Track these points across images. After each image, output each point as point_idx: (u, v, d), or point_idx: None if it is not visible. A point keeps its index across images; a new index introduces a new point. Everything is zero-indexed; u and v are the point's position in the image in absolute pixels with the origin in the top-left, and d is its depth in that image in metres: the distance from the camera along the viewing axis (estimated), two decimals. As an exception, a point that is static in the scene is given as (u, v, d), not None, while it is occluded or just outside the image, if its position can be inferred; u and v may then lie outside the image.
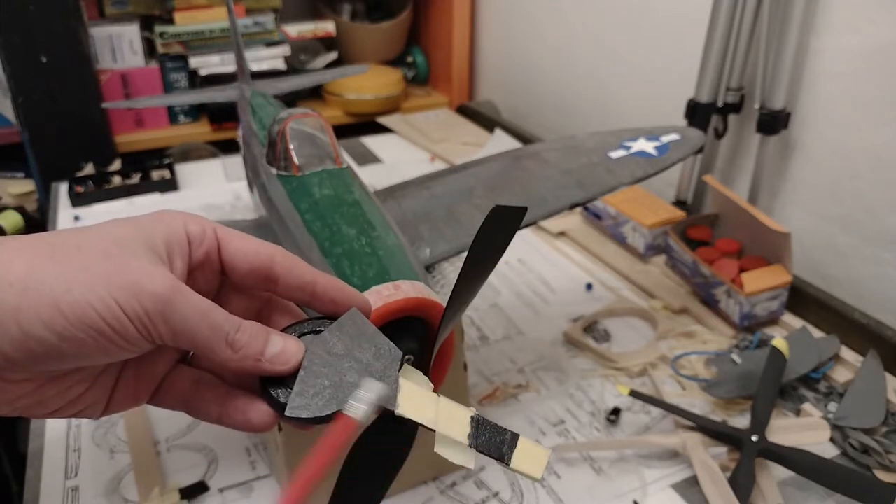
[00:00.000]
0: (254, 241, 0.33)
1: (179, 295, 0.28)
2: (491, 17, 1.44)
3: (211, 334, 0.29)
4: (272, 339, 0.31)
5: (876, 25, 0.73)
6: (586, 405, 0.64)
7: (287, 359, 0.31)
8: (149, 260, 0.29)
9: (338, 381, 0.31)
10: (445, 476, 0.56)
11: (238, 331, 0.30)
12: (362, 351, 0.32)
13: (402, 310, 0.38)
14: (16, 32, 1.12)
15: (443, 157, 1.20)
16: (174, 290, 0.28)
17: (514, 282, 0.84)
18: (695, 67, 0.88)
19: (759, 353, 0.66)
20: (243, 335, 0.30)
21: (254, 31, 1.35)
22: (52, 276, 0.27)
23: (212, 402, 0.32)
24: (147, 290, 0.27)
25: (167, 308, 0.28)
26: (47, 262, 0.27)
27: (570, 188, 0.58)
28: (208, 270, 0.32)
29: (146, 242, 0.30)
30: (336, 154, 0.53)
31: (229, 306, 0.34)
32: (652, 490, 0.55)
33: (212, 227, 0.32)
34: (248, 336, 0.30)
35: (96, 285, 0.27)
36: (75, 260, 0.28)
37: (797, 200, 0.86)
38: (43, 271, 0.27)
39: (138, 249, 0.29)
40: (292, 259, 0.33)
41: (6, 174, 1.39)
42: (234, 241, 0.32)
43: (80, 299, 0.27)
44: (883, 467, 0.56)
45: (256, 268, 0.32)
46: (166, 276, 0.28)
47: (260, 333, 0.31)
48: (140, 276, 0.28)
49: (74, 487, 0.55)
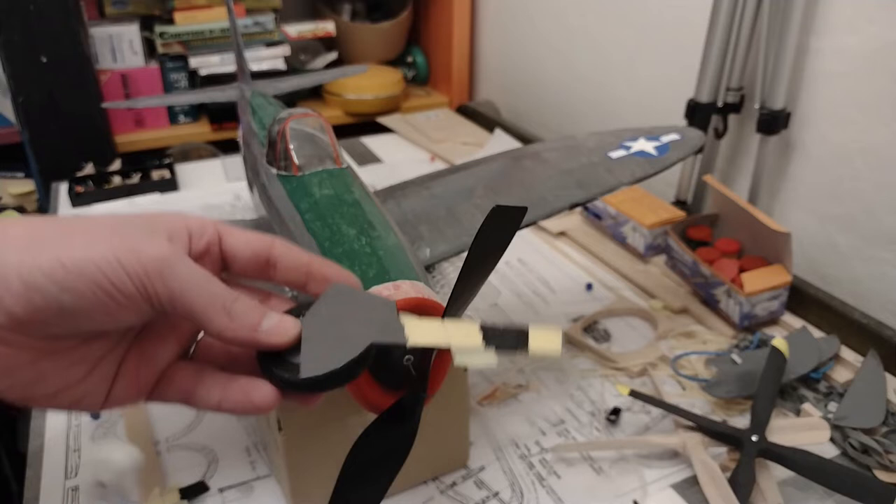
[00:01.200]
0: (253, 234, 0.34)
1: (179, 260, 0.29)
2: (491, 17, 1.44)
3: (208, 300, 0.30)
4: (269, 313, 0.32)
5: (876, 25, 0.73)
6: (586, 405, 0.64)
7: (283, 330, 0.31)
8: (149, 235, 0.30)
9: (342, 337, 0.31)
10: (445, 476, 0.56)
11: (235, 301, 0.31)
12: (357, 310, 0.33)
13: (402, 310, 0.38)
14: (16, 32, 1.12)
15: (443, 157, 1.20)
16: (175, 254, 0.29)
17: (514, 282, 0.84)
18: (695, 67, 0.88)
19: (759, 353, 0.66)
20: (241, 306, 0.31)
21: (254, 31, 1.35)
22: (54, 235, 0.28)
23: (213, 387, 0.33)
24: (148, 252, 0.29)
25: (166, 270, 0.29)
26: (49, 226, 0.29)
27: (570, 188, 0.59)
28: (209, 261, 0.33)
29: (148, 227, 0.31)
30: (336, 154, 0.53)
31: None
32: (652, 490, 0.55)
33: (212, 223, 0.33)
34: (246, 308, 0.31)
35: (98, 244, 0.28)
36: (77, 226, 0.29)
37: (797, 200, 0.86)
38: (44, 231, 0.29)
39: (139, 228, 0.30)
40: (289, 245, 0.34)
41: (6, 174, 1.39)
42: (233, 232, 0.34)
43: (80, 255, 0.28)
44: (883, 467, 0.56)
45: (257, 253, 0.33)
46: (165, 246, 0.29)
47: (257, 307, 0.32)
48: (141, 242, 0.29)
49: (74, 487, 0.55)
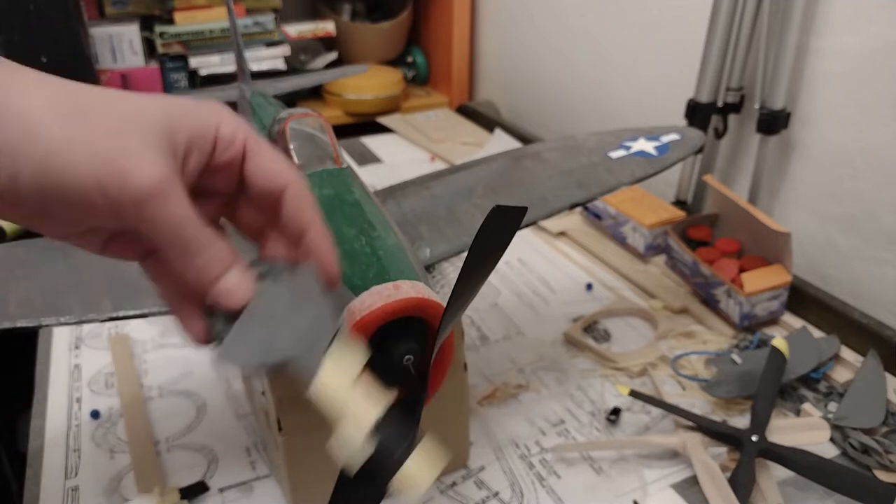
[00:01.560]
0: (276, 166, 0.33)
1: (160, 197, 0.28)
2: (491, 17, 1.44)
3: (174, 243, 0.29)
4: (231, 272, 0.31)
5: (876, 25, 0.73)
6: (586, 405, 0.64)
7: (234, 298, 0.31)
8: (153, 148, 0.29)
9: (269, 340, 0.31)
10: (445, 476, 0.56)
11: (200, 251, 0.30)
12: (302, 315, 0.32)
13: (402, 310, 0.38)
14: (16, 32, 1.12)
15: (443, 157, 1.20)
16: (157, 189, 0.28)
17: (514, 282, 0.84)
18: (695, 67, 0.88)
19: (759, 353, 0.66)
20: (205, 256, 0.30)
21: (254, 31, 1.35)
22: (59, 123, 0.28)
23: (174, 290, 0.33)
24: (131, 183, 0.28)
25: (143, 205, 0.28)
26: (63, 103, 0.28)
27: (570, 188, 0.58)
28: (228, 175, 0.33)
29: (165, 131, 0.29)
30: (336, 154, 0.53)
31: (240, 214, 0.35)
32: (652, 490, 0.55)
33: (243, 137, 0.32)
34: (210, 259, 0.30)
35: (89, 151, 0.28)
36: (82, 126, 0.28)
37: (797, 200, 0.86)
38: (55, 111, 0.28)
39: (150, 134, 0.29)
40: (300, 199, 0.33)
41: (6, 174, 1.39)
42: (258, 157, 0.32)
43: (68, 159, 0.27)
44: (883, 467, 0.56)
45: (268, 191, 0.33)
46: (157, 172, 0.28)
47: (223, 262, 0.31)
48: (132, 164, 0.28)
49: (74, 487, 0.55)
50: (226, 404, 0.64)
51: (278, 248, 0.35)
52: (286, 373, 0.31)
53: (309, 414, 0.48)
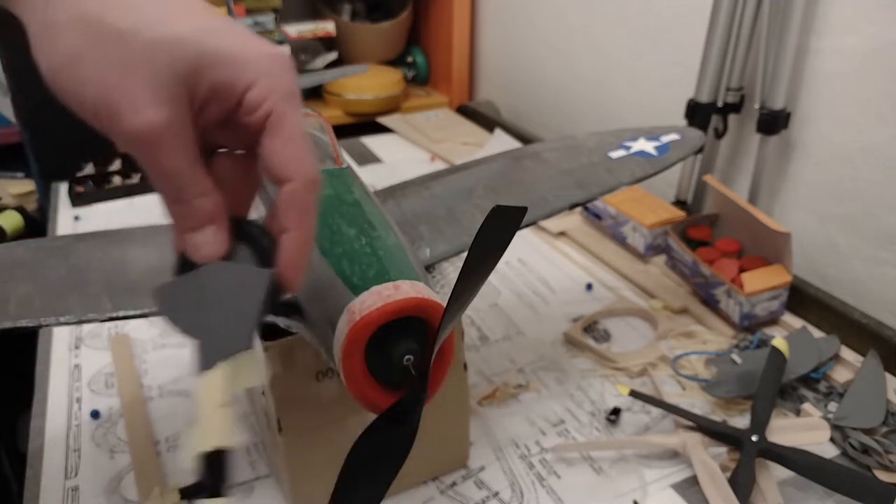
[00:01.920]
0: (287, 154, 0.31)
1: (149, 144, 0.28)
2: (491, 17, 1.44)
3: (160, 185, 0.30)
4: (208, 229, 0.31)
5: (876, 25, 0.73)
6: (586, 405, 0.64)
7: (198, 254, 0.31)
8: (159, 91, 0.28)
9: (192, 310, 0.31)
10: (445, 476, 0.56)
11: (185, 201, 0.30)
12: (229, 311, 0.31)
13: (402, 310, 0.38)
14: (16, 33, 1.12)
15: (443, 157, 1.20)
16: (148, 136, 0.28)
17: (514, 282, 0.84)
18: (695, 67, 0.88)
19: (759, 353, 0.66)
20: (184, 209, 0.30)
21: (254, 31, 1.35)
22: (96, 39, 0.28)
23: None
24: (122, 124, 0.28)
25: (132, 147, 0.28)
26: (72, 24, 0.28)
27: (570, 188, 0.58)
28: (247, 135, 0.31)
29: (185, 74, 0.28)
30: (336, 154, 0.53)
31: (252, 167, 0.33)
32: (652, 490, 0.55)
33: (269, 107, 0.30)
34: (190, 211, 0.30)
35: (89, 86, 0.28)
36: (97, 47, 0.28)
37: (797, 200, 0.86)
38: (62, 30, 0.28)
39: (162, 75, 0.28)
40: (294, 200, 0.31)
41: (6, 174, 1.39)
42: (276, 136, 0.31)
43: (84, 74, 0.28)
44: (883, 467, 0.56)
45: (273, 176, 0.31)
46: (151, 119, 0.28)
47: (200, 217, 0.31)
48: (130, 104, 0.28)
49: (74, 487, 0.55)
50: (226, 404, 0.64)
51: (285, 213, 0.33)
52: None
53: (309, 414, 0.49)
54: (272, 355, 0.46)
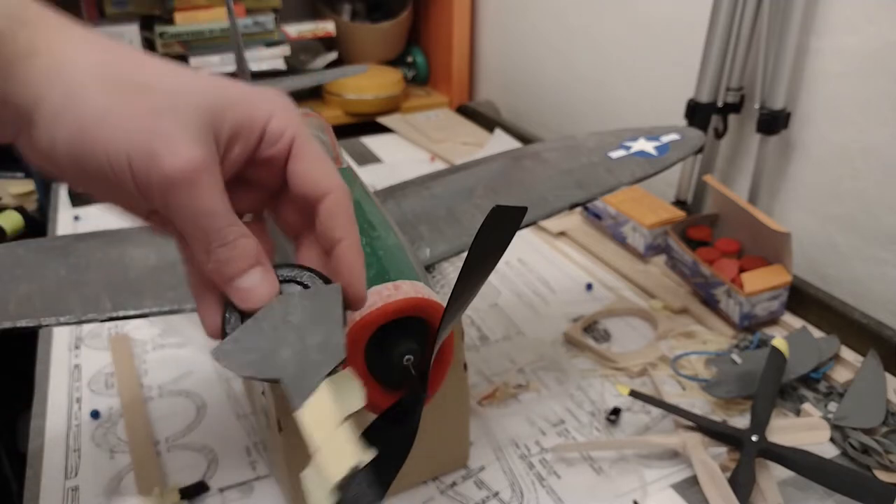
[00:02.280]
0: (319, 172, 0.32)
1: (189, 185, 0.28)
2: (491, 17, 1.44)
3: (197, 234, 0.29)
4: (252, 272, 0.30)
5: (876, 25, 0.73)
6: (586, 405, 0.64)
7: (249, 300, 0.30)
8: (191, 133, 0.28)
9: (271, 350, 0.30)
10: (445, 476, 0.56)
11: (224, 246, 0.29)
12: (313, 333, 0.30)
13: (402, 310, 0.38)
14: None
15: (443, 157, 1.20)
16: (187, 176, 0.28)
17: (514, 282, 0.84)
18: (695, 67, 0.88)
19: (759, 353, 0.66)
20: (228, 251, 0.29)
21: (254, 31, 1.35)
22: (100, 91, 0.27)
23: (197, 277, 0.32)
24: (160, 166, 0.27)
25: (170, 190, 0.28)
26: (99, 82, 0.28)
27: (570, 188, 0.58)
28: (272, 170, 0.32)
29: (209, 116, 0.29)
30: (336, 154, 0.53)
31: (282, 209, 0.34)
32: (652, 490, 0.55)
33: (291, 134, 0.31)
34: (232, 255, 0.30)
35: (124, 128, 0.27)
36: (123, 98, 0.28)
37: (797, 200, 0.86)
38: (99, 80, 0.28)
39: (191, 118, 0.28)
40: (337, 210, 0.32)
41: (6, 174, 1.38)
42: (303, 159, 0.32)
43: (101, 134, 0.27)
44: (883, 467, 0.56)
45: (305, 198, 0.32)
46: (189, 158, 0.27)
47: (246, 259, 0.30)
48: (165, 147, 0.27)
49: (74, 487, 0.55)
50: (226, 404, 0.64)
51: (312, 253, 0.34)
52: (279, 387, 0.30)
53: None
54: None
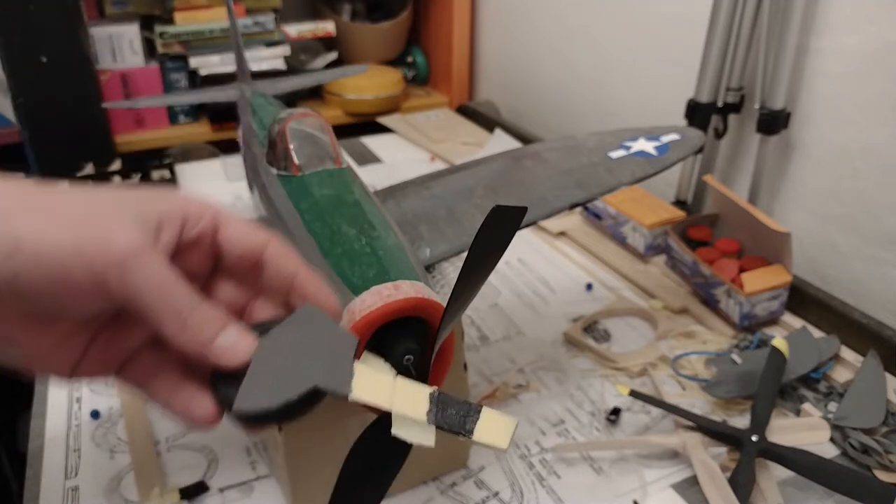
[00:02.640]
0: (250, 229, 0.33)
1: (143, 257, 0.28)
2: (491, 17, 1.44)
3: (164, 305, 0.28)
4: (228, 329, 0.30)
5: (876, 25, 0.73)
6: (586, 405, 0.64)
7: (234, 355, 0.30)
8: (127, 221, 0.28)
9: (288, 374, 0.30)
10: (445, 476, 0.56)
11: (194, 310, 0.29)
12: (316, 342, 0.31)
13: (402, 310, 0.38)
14: (16, 32, 1.12)
15: (443, 157, 1.20)
16: (139, 250, 0.28)
17: (514, 282, 0.84)
18: (695, 67, 0.88)
19: (759, 353, 0.66)
20: (198, 316, 0.29)
21: (254, 31, 1.35)
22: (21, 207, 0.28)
23: (165, 385, 0.31)
24: (113, 246, 0.27)
25: (126, 266, 0.27)
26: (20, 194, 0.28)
27: (570, 188, 0.58)
28: (201, 252, 0.32)
29: (134, 208, 0.29)
30: (336, 154, 0.53)
31: (218, 293, 0.34)
32: (652, 490, 0.55)
33: (212, 211, 0.32)
34: (204, 319, 0.29)
35: (64, 227, 0.27)
36: (50, 200, 0.28)
37: (797, 200, 0.86)
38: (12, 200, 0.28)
39: (122, 211, 0.29)
40: (283, 250, 0.33)
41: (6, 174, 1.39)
42: (230, 224, 0.33)
43: (42, 237, 0.27)
44: (883, 467, 0.56)
45: (248, 253, 0.32)
46: (136, 238, 0.28)
47: (216, 320, 0.30)
48: (110, 232, 0.28)
49: (74, 487, 0.55)
50: (226, 404, 0.64)
51: (266, 314, 0.34)
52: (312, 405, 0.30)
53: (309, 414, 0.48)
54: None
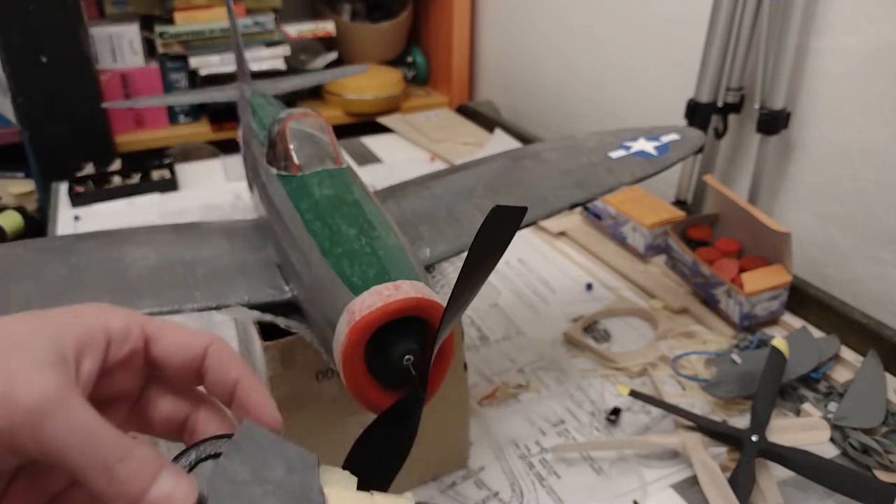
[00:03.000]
0: (187, 334, 0.30)
1: (58, 409, 0.25)
2: (491, 17, 1.44)
3: (87, 459, 0.25)
4: (162, 477, 0.26)
5: (876, 25, 0.73)
6: (586, 405, 0.64)
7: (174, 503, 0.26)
8: (40, 360, 0.25)
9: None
10: (445, 476, 0.56)
11: (122, 460, 0.26)
12: (271, 469, 0.28)
13: (402, 310, 0.38)
14: (16, 32, 1.12)
15: (443, 157, 1.20)
16: (54, 399, 0.25)
17: (514, 282, 0.84)
18: (695, 67, 0.88)
19: (759, 353, 0.66)
20: (127, 467, 0.26)
21: (254, 31, 1.35)
22: None
23: None
24: (19, 401, 0.24)
25: (39, 422, 0.24)
26: None
27: (570, 188, 0.58)
28: (131, 369, 0.30)
29: (49, 340, 0.27)
30: (336, 154, 0.53)
31: (155, 408, 0.32)
32: (652, 490, 0.55)
33: (139, 324, 0.29)
34: (133, 469, 0.26)
35: None
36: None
37: (797, 200, 0.86)
38: None
39: (34, 347, 0.26)
40: (224, 355, 0.31)
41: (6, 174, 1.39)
42: (164, 336, 0.30)
43: None
44: (883, 467, 0.56)
45: (186, 362, 0.30)
46: (48, 384, 0.25)
47: (149, 466, 0.26)
48: (17, 381, 0.24)
49: (74, 487, 0.55)
50: (226, 404, 0.64)
51: (209, 427, 0.31)
52: None
53: (309, 414, 0.48)
54: (272, 355, 0.46)
